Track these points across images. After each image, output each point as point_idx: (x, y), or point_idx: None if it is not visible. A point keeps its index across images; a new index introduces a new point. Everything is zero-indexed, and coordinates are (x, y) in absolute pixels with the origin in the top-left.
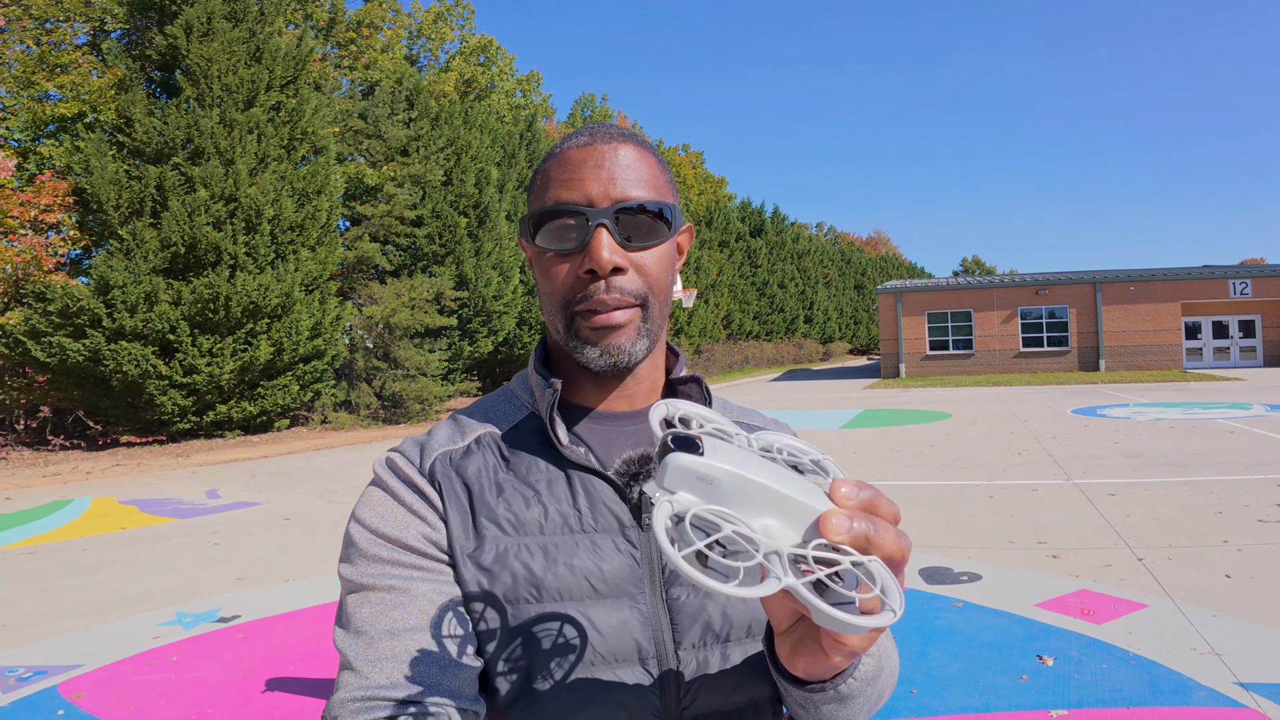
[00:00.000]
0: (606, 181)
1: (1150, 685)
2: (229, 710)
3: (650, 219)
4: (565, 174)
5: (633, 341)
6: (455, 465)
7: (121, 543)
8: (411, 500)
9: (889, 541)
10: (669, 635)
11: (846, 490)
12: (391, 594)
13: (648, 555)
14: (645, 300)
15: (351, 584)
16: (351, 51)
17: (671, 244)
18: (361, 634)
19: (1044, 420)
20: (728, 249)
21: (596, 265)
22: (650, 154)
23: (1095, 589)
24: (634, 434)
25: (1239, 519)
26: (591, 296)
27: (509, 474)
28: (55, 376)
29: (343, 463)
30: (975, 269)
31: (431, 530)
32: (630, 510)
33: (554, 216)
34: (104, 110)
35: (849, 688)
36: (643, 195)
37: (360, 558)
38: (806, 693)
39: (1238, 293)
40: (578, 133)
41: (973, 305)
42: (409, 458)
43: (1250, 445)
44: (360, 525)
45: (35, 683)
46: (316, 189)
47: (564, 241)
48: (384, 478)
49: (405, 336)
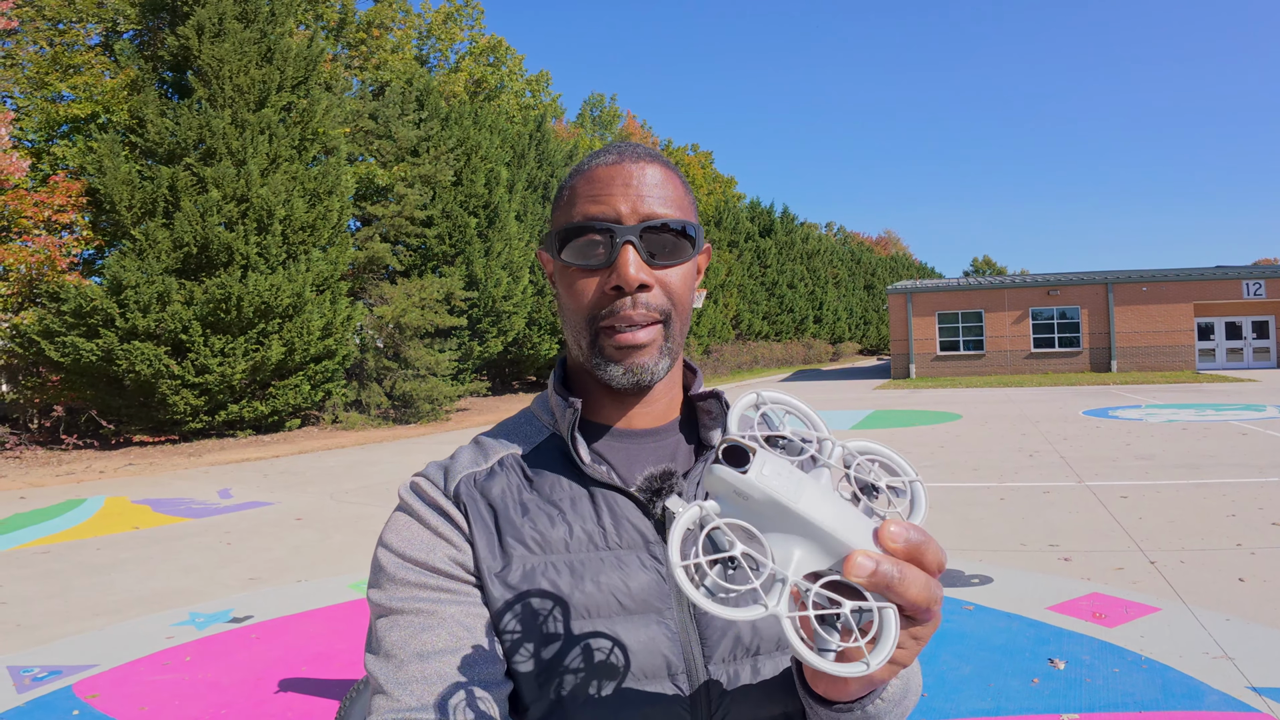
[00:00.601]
0: (634, 199)
1: (1162, 689)
2: (243, 711)
3: (675, 237)
4: (593, 190)
5: (655, 360)
6: (480, 487)
7: (134, 542)
8: (437, 523)
9: (912, 591)
10: (698, 650)
11: (894, 531)
12: (420, 617)
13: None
14: (668, 317)
15: (381, 608)
16: (362, 52)
17: (694, 263)
18: (392, 657)
19: (1055, 422)
20: (737, 249)
21: (624, 281)
22: (675, 174)
23: (1107, 592)
24: (655, 450)
25: (1252, 522)
26: (617, 312)
27: (533, 494)
28: (69, 376)
29: (353, 462)
30: (986, 269)
31: (458, 552)
32: (654, 526)
33: (581, 232)
34: (117, 111)
35: (876, 709)
36: (669, 214)
37: (388, 582)
38: (833, 713)
39: (1251, 293)
40: (605, 150)
41: (984, 306)
42: (433, 481)
43: (1264, 447)
44: (387, 550)
45: (50, 682)
46: (327, 189)
47: (590, 257)
48: (409, 502)
49: (415, 336)
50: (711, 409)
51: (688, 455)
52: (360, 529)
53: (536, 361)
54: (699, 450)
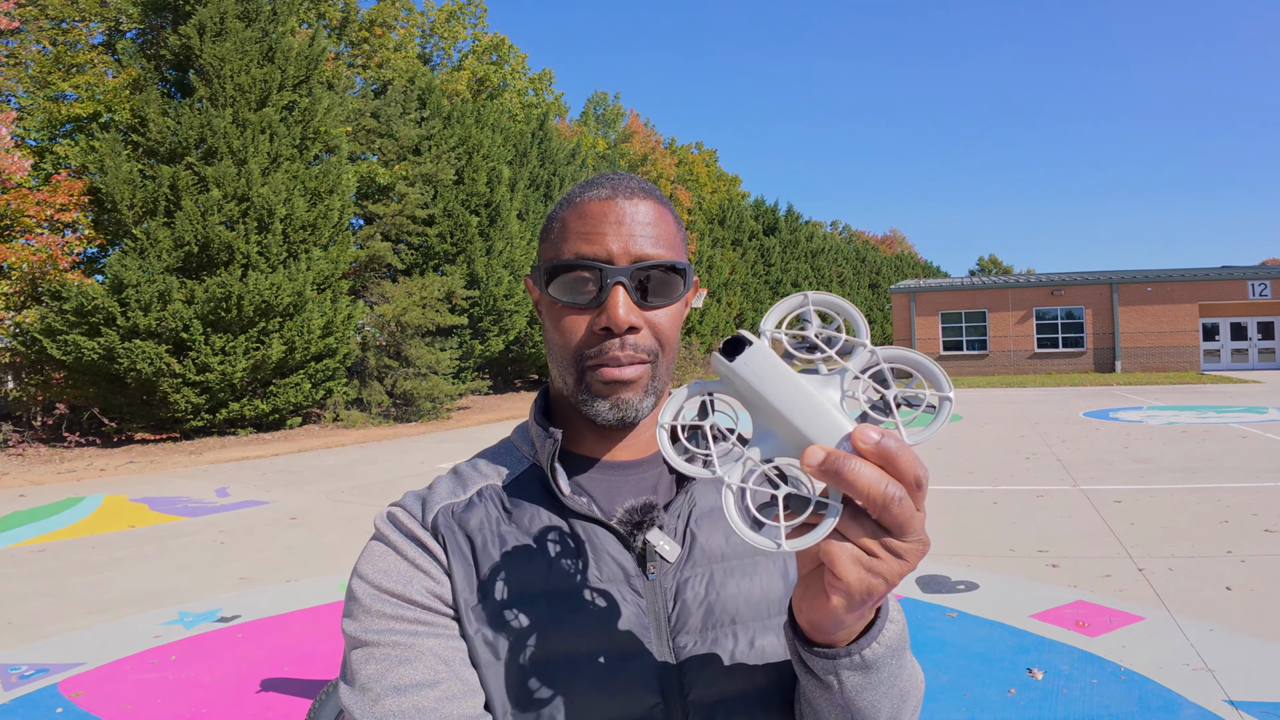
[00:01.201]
0: (626, 239)
1: (1139, 701)
2: (225, 709)
3: (665, 275)
4: (585, 227)
5: (640, 398)
6: (458, 519)
7: (130, 541)
8: (415, 554)
9: (861, 483)
10: (677, 682)
11: (864, 436)
12: (396, 650)
13: (653, 604)
14: (655, 357)
15: (355, 640)
16: (364, 50)
17: (684, 300)
18: (368, 691)
19: (1055, 423)
20: (740, 247)
21: (613, 324)
22: (667, 210)
23: (1092, 600)
24: (637, 483)
25: (1245, 528)
26: (605, 353)
27: (511, 525)
28: (71, 374)
29: (352, 461)
30: (992, 268)
31: (435, 584)
32: (635, 560)
33: (571, 269)
34: (119, 110)
35: (873, 653)
36: (660, 254)
37: (363, 613)
38: (827, 659)
39: (1257, 294)
40: (598, 183)
41: (987, 305)
42: (410, 511)
43: (1262, 451)
44: (363, 580)
45: (36, 680)
46: (328, 188)
47: (579, 295)
48: (385, 532)
49: (417, 335)
50: None
51: (669, 487)
52: (354, 528)
53: (538, 360)
54: (679, 482)
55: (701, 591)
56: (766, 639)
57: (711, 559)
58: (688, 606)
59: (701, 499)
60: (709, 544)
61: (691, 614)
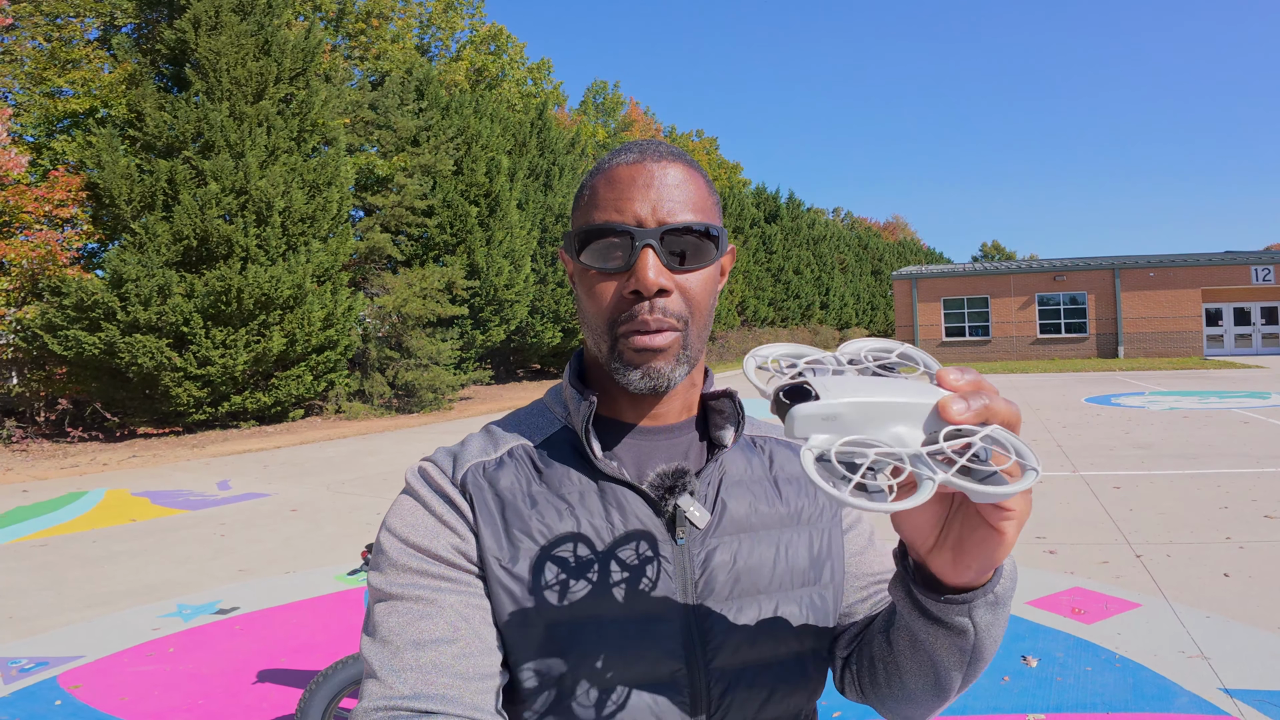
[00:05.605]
0: (655, 202)
1: (1133, 689)
2: (222, 701)
3: (697, 240)
4: (613, 192)
5: (672, 367)
6: (488, 477)
7: (130, 534)
8: (442, 510)
9: (1003, 408)
10: (700, 649)
11: (954, 376)
12: (419, 604)
13: (680, 570)
14: (686, 324)
15: (380, 593)
16: (361, 42)
17: (716, 266)
18: (388, 643)
19: (1057, 409)
20: (742, 235)
21: (642, 286)
22: (698, 174)
23: (1089, 586)
24: (668, 448)
25: (1244, 514)
26: (635, 317)
27: (542, 486)
28: (73, 369)
29: (354, 452)
30: (995, 254)
31: (461, 541)
32: (665, 524)
33: (600, 235)
34: (115, 105)
35: (1003, 588)
36: (690, 217)
37: (390, 567)
38: (962, 604)
39: (1260, 279)
40: (626, 149)
41: (989, 291)
42: (441, 467)
43: (1264, 436)
44: (390, 534)
45: (36, 673)
46: (327, 180)
47: (609, 260)
48: (416, 487)
49: (417, 326)
50: (724, 408)
51: (700, 453)
52: (352, 520)
53: (539, 350)
54: (710, 449)
55: (729, 559)
56: (790, 609)
57: (740, 528)
58: (715, 574)
59: (732, 467)
60: (738, 512)
61: (718, 581)
